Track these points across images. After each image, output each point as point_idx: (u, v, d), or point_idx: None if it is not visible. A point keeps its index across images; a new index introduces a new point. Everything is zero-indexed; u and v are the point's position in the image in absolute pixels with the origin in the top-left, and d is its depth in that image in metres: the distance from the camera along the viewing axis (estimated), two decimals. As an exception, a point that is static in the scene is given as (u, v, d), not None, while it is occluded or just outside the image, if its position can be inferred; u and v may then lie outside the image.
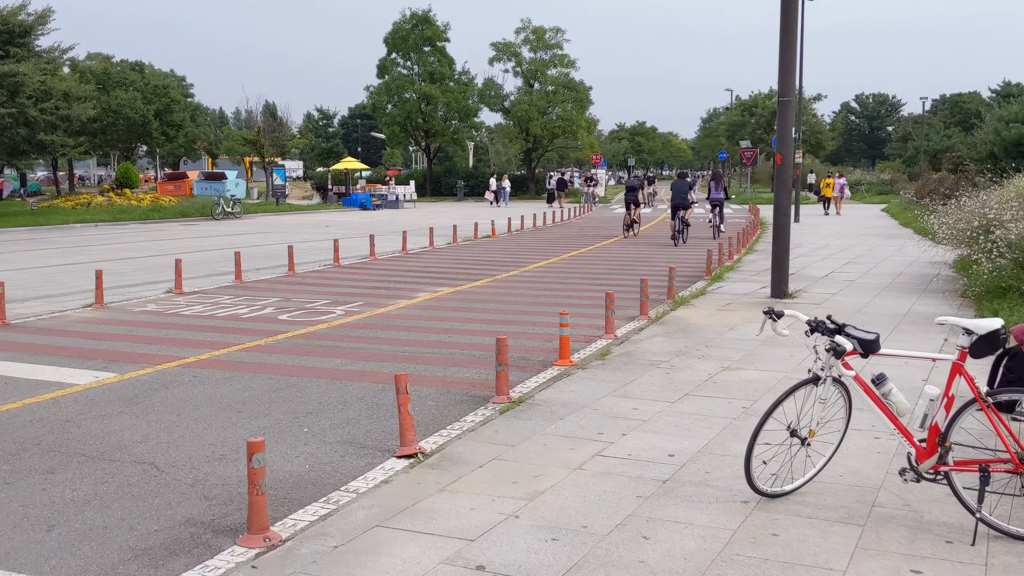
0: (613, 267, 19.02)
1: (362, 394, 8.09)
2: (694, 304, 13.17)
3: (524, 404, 7.56)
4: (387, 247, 23.44)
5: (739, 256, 20.38)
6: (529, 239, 27.16)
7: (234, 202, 39.73)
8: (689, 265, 18.75)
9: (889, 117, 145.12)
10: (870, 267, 18.20)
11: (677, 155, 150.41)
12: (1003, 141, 24.09)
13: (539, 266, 19.01)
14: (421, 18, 63.62)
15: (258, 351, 10.02)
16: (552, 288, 15.43)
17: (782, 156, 13.61)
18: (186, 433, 6.93)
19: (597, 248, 23.88)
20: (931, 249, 21.87)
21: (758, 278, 16.38)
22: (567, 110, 62.08)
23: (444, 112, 63.80)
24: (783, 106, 13.54)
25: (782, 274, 13.77)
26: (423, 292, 14.85)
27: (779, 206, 13.76)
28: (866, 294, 14.20)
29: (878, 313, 12.22)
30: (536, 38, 62.61)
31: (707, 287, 15.11)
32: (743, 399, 7.71)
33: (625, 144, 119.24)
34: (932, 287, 14.87)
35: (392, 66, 64.25)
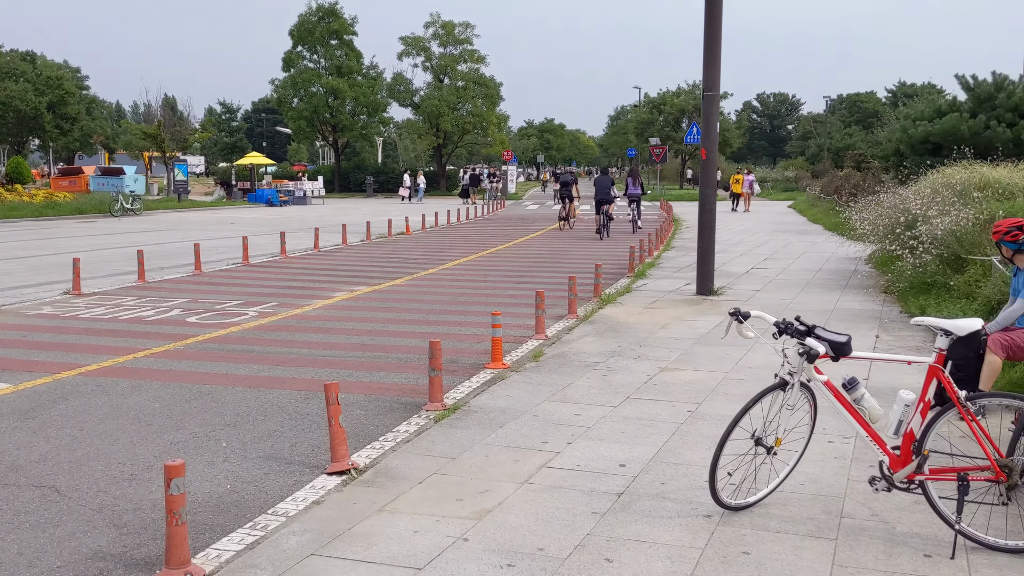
0: (534, 264, 18.70)
1: (283, 403, 7.53)
2: (621, 302, 12.91)
3: (460, 411, 7.12)
4: (298, 245, 22.65)
5: (659, 252, 20.30)
6: (445, 236, 26.66)
7: (133, 198, 38.14)
8: (611, 262, 18.54)
9: (789, 116, 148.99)
10: (788, 263, 18.29)
11: (585, 152, 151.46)
12: (910, 138, 24.60)
13: (458, 264, 18.55)
14: (328, 11, 62.35)
15: (166, 357, 9.33)
16: (474, 286, 15.00)
17: (707, 151, 13.46)
18: (90, 451, 6.28)
19: (516, 244, 23.55)
20: (845, 245, 22.21)
21: (680, 275, 16.26)
22: (477, 106, 61.66)
23: (352, 107, 62.67)
24: (708, 100, 13.39)
25: (707, 271, 13.63)
26: (340, 291, 14.25)
27: (704, 202, 13.62)
28: (789, 290, 14.18)
29: (804, 310, 12.15)
30: (446, 33, 62.02)
31: (632, 284, 14.89)
32: (686, 402, 7.42)
33: (534, 141, 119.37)
34: (853, 283, 14.96)
35: (298, 59, 62.81)
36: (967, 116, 23.33)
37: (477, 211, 38.47)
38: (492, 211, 41.62)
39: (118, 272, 16.81)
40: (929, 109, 25.04)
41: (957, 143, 23.66)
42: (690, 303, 12.90)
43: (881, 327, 10.80)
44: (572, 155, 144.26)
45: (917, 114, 25.21)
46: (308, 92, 61.44)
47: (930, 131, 23.86)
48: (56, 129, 62.56)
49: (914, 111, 25.63)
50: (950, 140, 23.69)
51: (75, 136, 65.71)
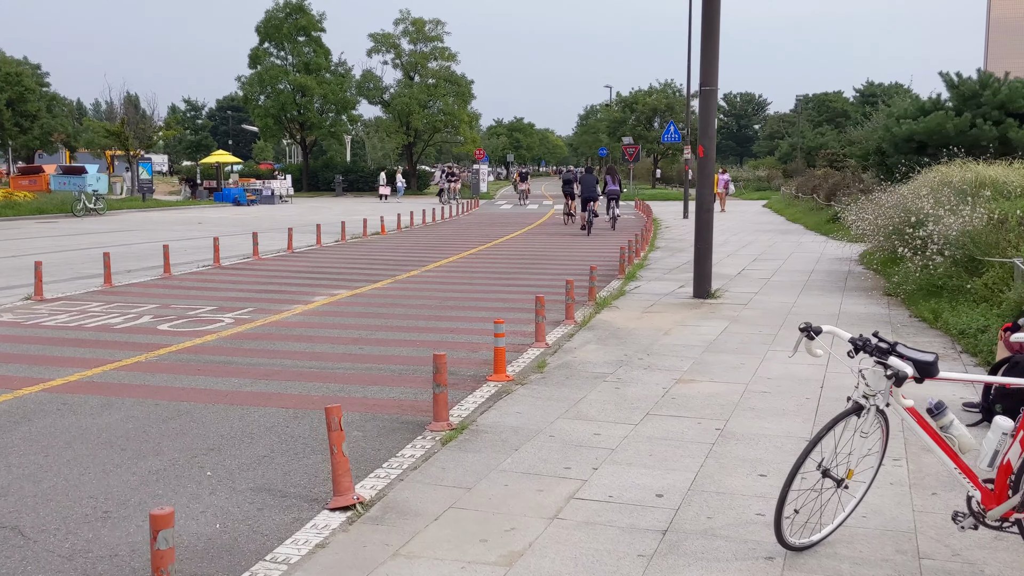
0: (519, 264, 18.07)
1: (270, 423, 6.85)
2: (617, 306, 12.33)
3: (468, 432, 6.49)
4: (271, 245, 21.86)
5: (645, 253, 19.76)
6: (422, 236, 25.96)
7: (96, 198, 37.02)
8: (598, 263, 17.95)
9: (756, 116, 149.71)
10: (779, 264, 17.82)
11: (554, 151, 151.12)
12: (893, 137, 24.27)
13: (440, 265, 17.88)
14: (295, 7, 61.30)
15: (139, 370, 8.60)
16: (461, 289, 14.35)
17: (704, 148, 12.92)
18: (57, 481, 5.58)
19: (497, 245, 22.91)
20: (831, 244, 21.83)
21: (672, 277, 15.72)
22: (449, 104, 60.92)
23: (320, 104, 61.69)
24: (706, 96, 12.84)
25: (705, 273, 13.09)
26: (319, 296, 13.54)
27: (702, 201, 13.08)
28: (788, 293, 13.68)
29: (810, 314, 11.64)
30: (416, 30, 61.24)
31: (624, 287, 14.32)
32: (712, 418, 6.83)
33: (504, 140, 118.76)
34: (851, 284, 14.49)
35: (265, 56, 61.70)
36: (952, 114, 23.05)
37: (452, 211, 37.78)
38: (466, 211, 40.95)
39: (83, 275, 15.97)
40: (913, 107, 24.75)
41: (942, 142, 23.38)
42: (689, 307, 12.34)
43: (894, 333, 10.29)
44: (541, 154, 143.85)
45: (901, 112, 24.91)
46: (275, 89, 60.38)
47: (914, 129, 23.56)
48: (15, 127, 60.93)
49: (897, 109, 25.34)
50: (935, 139, 23.41)
51: (35, 134, 64.00)
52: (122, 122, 50.00)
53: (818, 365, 8.60)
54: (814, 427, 6.59)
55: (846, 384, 7.84)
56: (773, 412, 7.02)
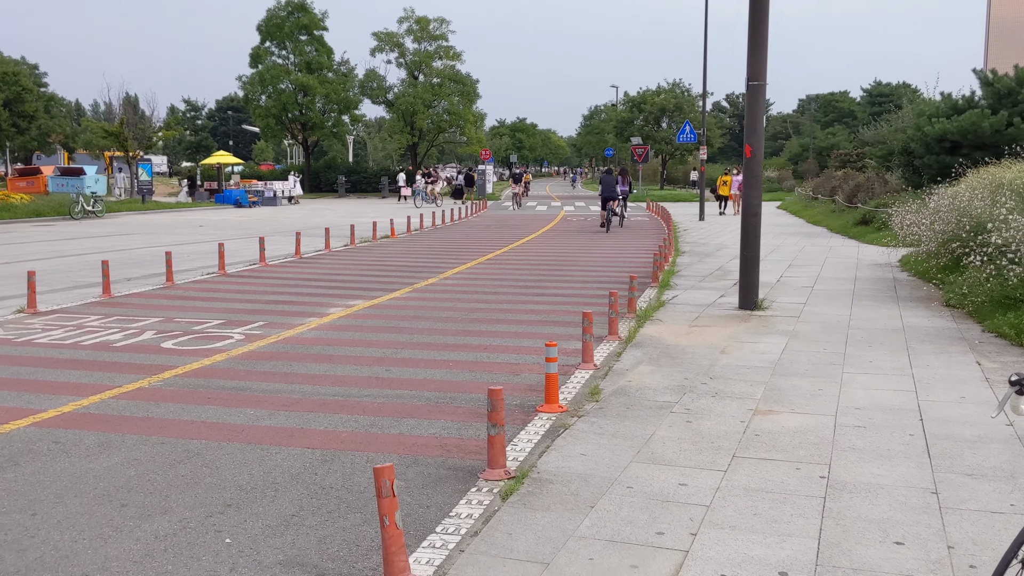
0: (542, 271, 17.07)
1: (296, 468, 5.88)
2: (660, 319, 11.35)
3: (529, 481, 5.52)
4: (278, 250, 20.88)
5: (672, 259, 18.77)
6: (435, 239, 24.98)
7: (95, 200, 36.04)
8: (626, 269, 17.00)
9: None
10: (816, 270, 16.85)
11: (556, 152, 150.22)
12: (924, 136, 23.30)
13: (459, 272, 16.90)
14: (297, 5, 60.44)
15: (141, 398, 7.63)
16: (485, 299, 13.37)
17: (752, 148, 11.95)
18: (45, 551, 4.61)
19: (513, 249, 21.92)
20: (864, 249, 20.87)
21: (708, 285, 14.75)
22: (454, 103, 59.98)
23: (322, 104, 60.76)
24: (753, 91, 11.86)
25: (751, 283, 12.12)
26: (335, 307, 12.56)
27: (749, 205, 12.10)
28: (838, 303, 12.70)
29: (872, 328, 10.68)
30: (420, 28, 60.31)
31: (661, 296, 13.35)
32: (811, 462, 5.86)
33: (507, 140, 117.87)
34: (903, 294, 13.52)
35: (266, 55, 60.81)
36: (988, 112, 22.06)
37: (460, 213, 36.82)
38: (474, 212, 39.96)
39: (80, 284, 14.99)
40: (945, 105, 23.76)
41: (977, 141, 22.41)
42: (738, 320, 11.37)
43: (975, 351, 9.33)
44: (544, 155, 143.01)
45: (932, 111, 23.92)
46: (276, 89, 59.49)
47: (947, 128, 22.57)
48: (13, 128, 60.07)
49: (930, 108, 24.34)
50: (969, 138, 22.43)
51: (33, 135, 63.15)
52: (121, 122, 49.02)
53: (906, 391, 7.64)
54: (933, 473, 5.62)
55: (948, 416, 6.88)
56: (878, 453, 6.04)
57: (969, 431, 6.52)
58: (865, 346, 9.66)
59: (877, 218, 23.36)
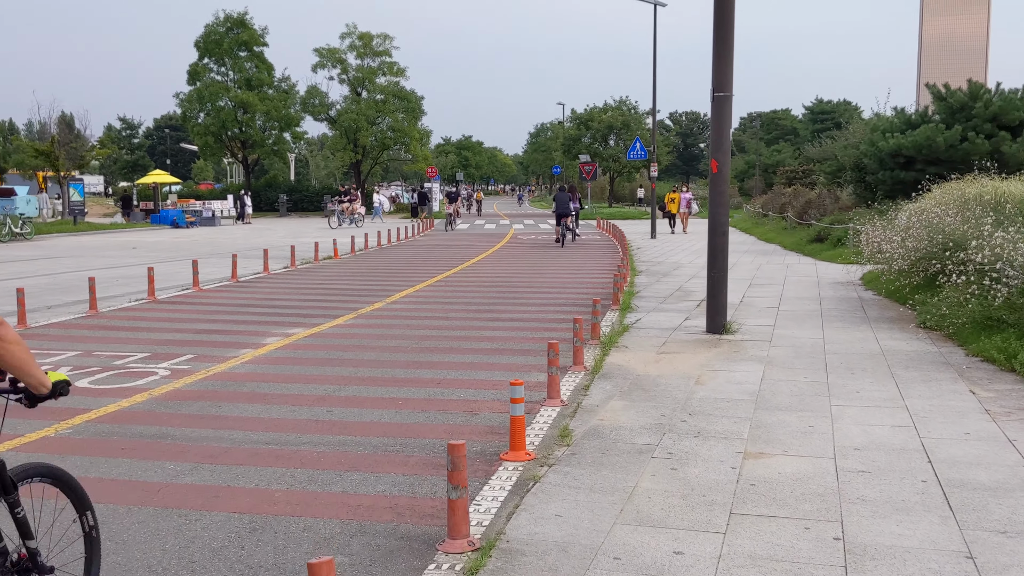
0: (496, 294, 16.23)
1: (219, 541, 4.94)
2: (626, 346, 10.58)
3: (498, 553, 4.65)
4: (213, 274, 19.75)
5: (630, 279, 18.06)
6: (380, 260, 24.01)
7: (23, 222, 34.42)
8: (584, 290, 16.25)
9: (701, 134, 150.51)
10: (778, 289, 16.27)
11: (503, 170, 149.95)
12: (878, 152, 23.00)
13: (407, 295, 15.99)
14: (236, 21, 59.03)
15: (46, 449, 6.60)
16: (437, 326, 12.48)
17: (718, 163, 11.28)
18: None
19: (464, 269, 21.06)
20: (822, 266, 20.42)
21: (671, 306, 14.05)
22: (398, 120, 58.99)
23: (263, 122, 59.35)
24: (719, 102, 11.20)
25: (719, 305, 11.42)
26: (272, 337, 11.59)
27: (716, 223, 11.42)
28: (809, 325, 12.07)
29: (850, 352, 10.03)
30: (363, 44, 59.32)
31: (624, 319, 12.60)
32: (819, 518, 5.09)
33: (452, 158, 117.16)
34: (873, 315, 12.94)
35: (205, 72, 59.24)
36: (942, 127, 21.83)
37: (406, 232, 35.87)
38: (422, 231, 39.02)
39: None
40: (899, 120, 23.53)
41: (932, 156, 22.17)
42: (707, 345, 10.65)
43: (965, 378, 8.69)
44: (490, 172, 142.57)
45: (886, 126, 23.66)
46: (215, 106, 57.94)
47: (902, 143, 22.30)
48: (-62, 147, 57.65)
49: (883, 123, 24.08)
50: (924, 153, 22.18)
51: (-40, 155, 60.77)
52: (52, 141, 47.22)
53: (904, 427, 6.94)
54: (961, 532, 4.88)
55: (957, 456, 6.19)
56: (893, 506, 5.30)
57: (986, 475, 5.81)
58: (847, 373, 8.98)
59: (833, 235, 22.98)
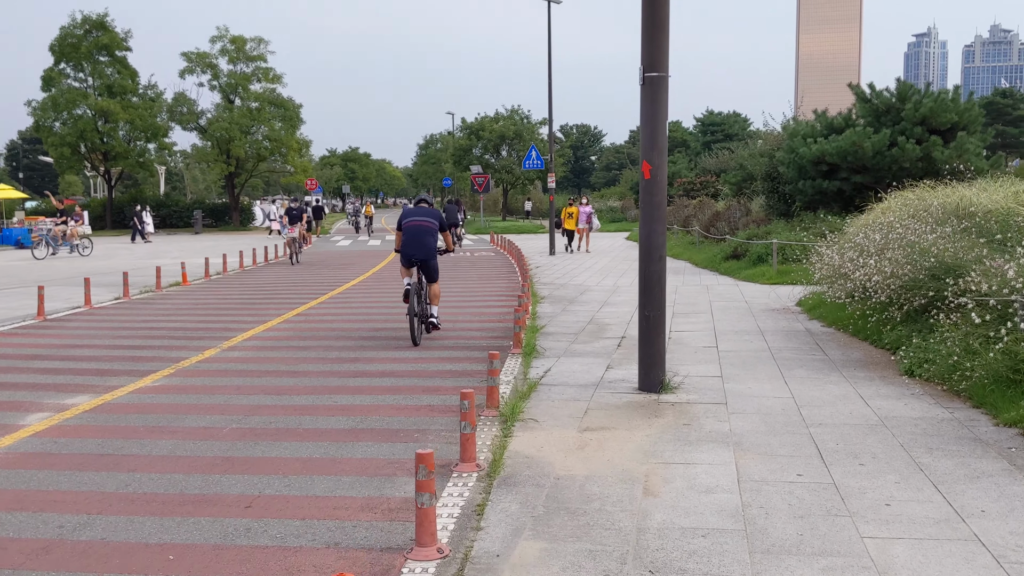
0: (366, 334, 13.05)
1: None
2: (535, 419, 7.64)
3: None
4: (22, 308, 16.00)
5: (532, 308, 15.17)
6: (235, 287, 20.51)
7: None
8: (475, 325, 13.26)
9: (592, 147, 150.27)
10: (707, 319, 13.64)
11: (392, 182, 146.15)
12: (799, 159, 20.84)
13: (252, 336, 12.69)
14: (96, 23, 54.11)
15: None
16: (278, 389, 9.28)
17: (652, 165, 8.47)
18: None
19: (333, 298, 17.79)
20: (744, 288, 17.99)
21: (585, 347, 11.20)
22: (275, 129, 54.98)
23: (127, 132, 54.54)
24: (653, 86, 8.40)
25: (655, 354, 8.60)
26: (36, 413, 8.22)
27: (651, 246, 8.58)
28: (764, 374, 9.38)
29: (839, 422, 7.35)
30: (236, 48, 55.13)
31: (528, 370, 9.69)
32: None
33: (338, 171, 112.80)
34: (835, 355, 10.35)
35: (60, 78, 54.11)
36: (869, 131, 19.76)
37: (277, 251, 32.28)
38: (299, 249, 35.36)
39: None
40: (821, 125, 21.41)
41: (858, 163, 20.09)
42: (645, 412, 7.80)
43: (1015, 466, 6.07)
44: (379, 185, 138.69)
45: (806, 130, 21.51)
46: (72, 115, 52.88)
47: (825, 150, 20.16)
48: None
49: (805, 128, 21.94)
50: (849, 160, 20.08)
51: None
52: None
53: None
54: None
55: None
56: None
57: None
58: (853, 464, 6.26)
59: (751, 252, 20.65)
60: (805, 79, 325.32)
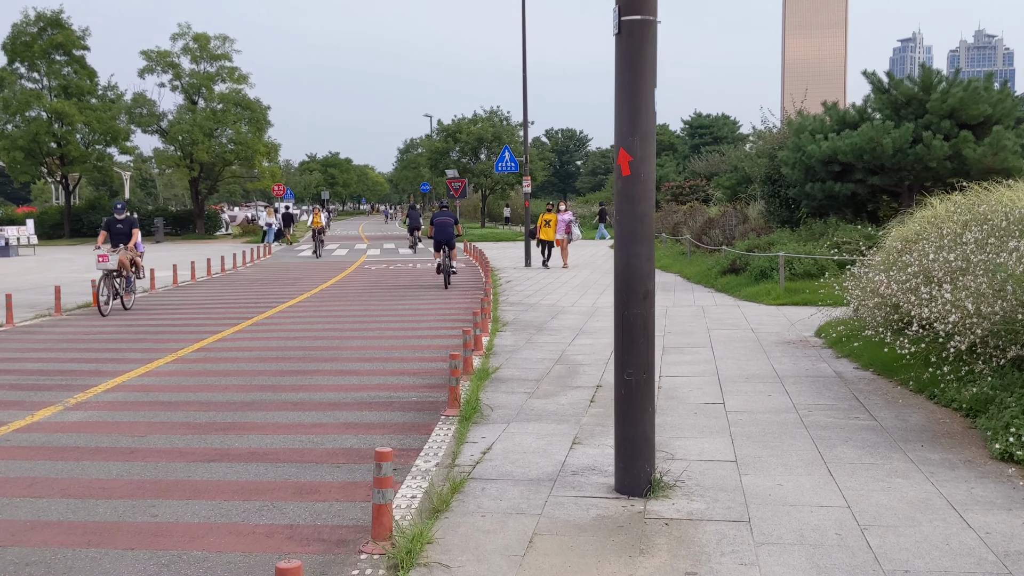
0: (273, 377, 10.19)
1: None
2: (445, 563, 4.77)
3: None
4: None
5: (488, 340, 12.30)
6: (160, 306, 17.57)
7: None
8: (409, 365, 10.39)
9: (578, 152, 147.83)
10: (706, 356, 10.81)
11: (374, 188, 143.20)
12: (806, 159, 18.07)
13: (146, 373, 9.78)
14: (51, 20, 51.13)
15: None
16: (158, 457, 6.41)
17: (634, 156, 5.61)
18: None
19: (258, 323, 14.90)
20: (747, 309, 15.18)
21: (545, 405, 8.33)
22: (241, 132, 51.98)
23: (84, 135, 51.49)
24: (634, 32, 5.55)
25: (640, 438, 5.75)
26: None
27: (629, 277, 5.71)
28: (796, 457, 6.56)
29: (942, 571, 4.54)
30: (199, 47, 52.13)
31: (461, 448, 6.82)
32: None
33: (317, 176, 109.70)
34: (890, 421, 7.53)
35: (13, 78, 51.06)
36: (889, 125, 16.99)
37: (237, 259, 29.35)
38: (252, 259, 32.46)
39: None
40: (832, 119, 18.65)
41: (875, 163, 17.32)
42: (624, 547, 4.94)
43: None
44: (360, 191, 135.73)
45: (814, 125, 18.73)
46: (25, 117, 49.82)
47: (838, 147, 17.38)
48: None
49: (810, 122, 19.14)
50: (866, 159, 17.30)
51: None
52: None
53: None
54: None
55: None
56: None
57: None
58: None
59: (753, 265, 17.84)
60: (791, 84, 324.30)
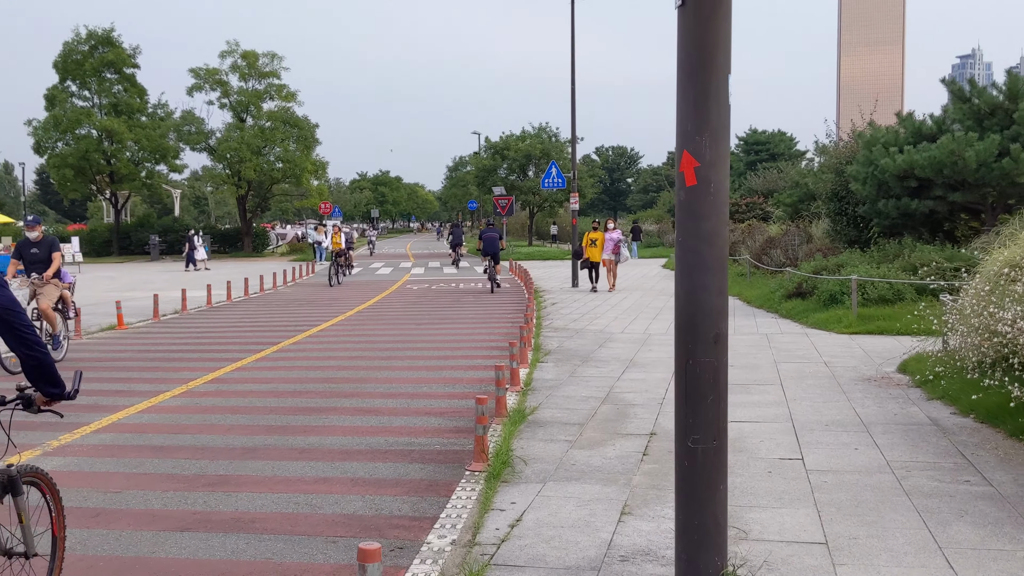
0: (284, 417, 9.09)
1: None
2: None
3: None
4: None
5: (528, 372, 11.06)
6: (179, 330, 16.67)
7: None
8: (437, 404, 9.19)
9: (628, 169, 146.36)
10: (777, 397, 9.46)
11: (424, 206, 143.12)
12: (880, 174, 16.61)
13: (140, 412, 8.73)
14: (102, 39, 51.25)
15: None
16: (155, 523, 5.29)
17: (699, 162, 4.36)
18: None
19: (272, 355, 13.87)
20: (815, 337, 13.75)
21: (589, 459, 7.06)
22: (289, 150, 51.55)
23: (134, 153, 51.45)
24: (698, 10, 4.31)
25: (709, 524, 4.46)
26: None
27: (695, 311, 4.43)
28: (900, 539, 5.23)
29: None
30: (247, 64, 51.89)
31: (484, 519, 5.58)
32: None
33: (368, 195, 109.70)
34: (1007, 484, 6.15)
35: (65, 96, 51.24)
36: (973, 137, 15.47)
37: (278, 278, 28.54)
38: (294, 278, 31.66)
39: None
40: (908, 131, 17.16)
41: (955, 178, 15.80)
42: None
43: None
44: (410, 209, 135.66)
45: (889, 138, 17.24)
46: (75, 135, 49.89)
47: (915, 161, 15.90)
48: None
49: (882, 134, 17.66)
50: (946, 174, 15.79)
51: None
52: None
53: None
54: None
55: None
56: None
57: None
58: None
59: (820, 289, 16.38)
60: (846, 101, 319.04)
